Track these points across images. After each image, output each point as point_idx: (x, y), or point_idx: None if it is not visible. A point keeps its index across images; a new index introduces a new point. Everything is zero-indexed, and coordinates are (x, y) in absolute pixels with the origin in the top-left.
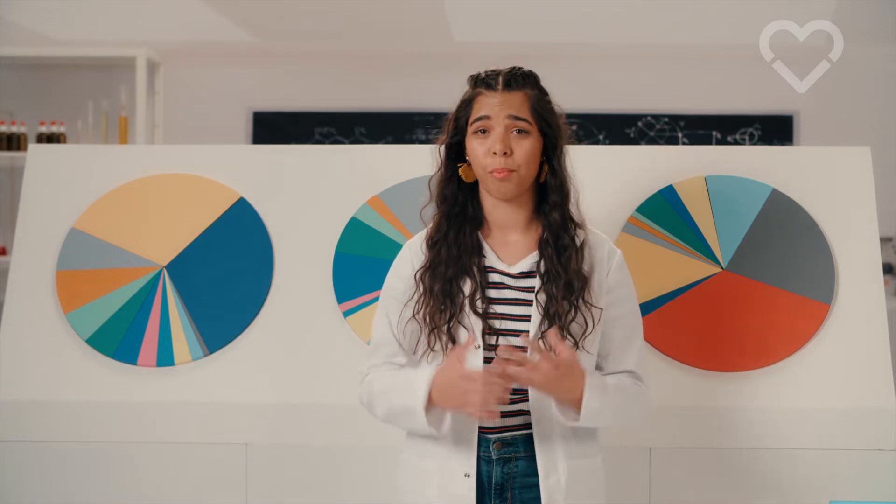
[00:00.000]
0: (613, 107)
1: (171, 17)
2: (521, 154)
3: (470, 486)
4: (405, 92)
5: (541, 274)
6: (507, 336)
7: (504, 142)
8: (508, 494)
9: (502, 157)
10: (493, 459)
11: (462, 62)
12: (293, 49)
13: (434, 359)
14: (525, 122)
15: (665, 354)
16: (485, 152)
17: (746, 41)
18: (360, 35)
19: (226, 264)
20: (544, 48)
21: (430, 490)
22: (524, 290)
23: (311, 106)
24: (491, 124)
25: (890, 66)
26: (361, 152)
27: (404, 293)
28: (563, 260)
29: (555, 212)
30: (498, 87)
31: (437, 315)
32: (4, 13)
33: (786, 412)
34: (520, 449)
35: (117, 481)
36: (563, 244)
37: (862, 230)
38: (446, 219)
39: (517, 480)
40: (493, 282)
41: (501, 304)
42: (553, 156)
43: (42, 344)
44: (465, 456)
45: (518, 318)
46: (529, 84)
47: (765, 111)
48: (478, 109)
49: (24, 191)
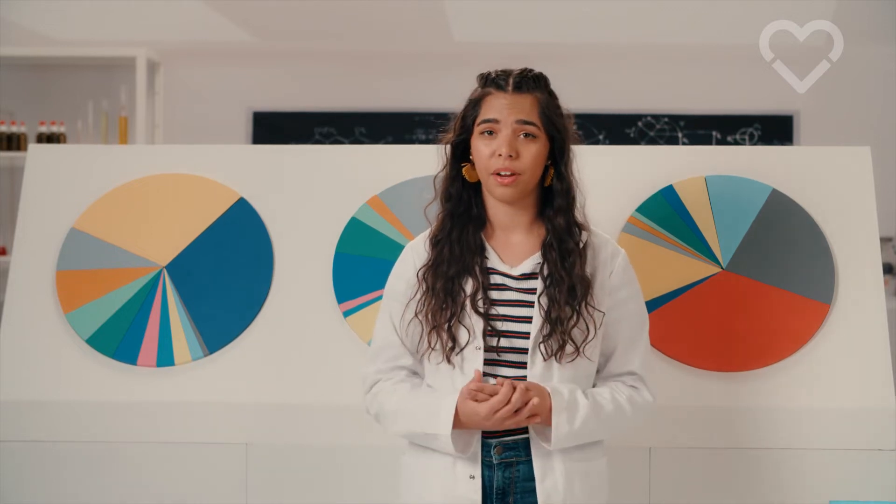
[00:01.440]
0: (613, 107)
1: (171, 17)
2: (528, 158)
3: (475, 488)
4: (405, 92)
5: (543, 277)
6: (508, 337)
7: (511, 145)
8: (510, 499)
9: (508, 160)
10: (494, 464)
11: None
12: (293, 49)
13: (435, 358)
14: (534, 126)
15: (665, 354)
16: (490, 153)
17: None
18: (360, 35)
19: (226, 264)
20: (544, 48)
21: (434, 492)
22: (525, 292)
23: (311, 106)
24: (498, 127)
25: (890, 66)
26: (361, 152)
27: (405, 294)
28: (566, 265)
29: (559, 216)
30: (508, 89)
31: (438, 313)
32: (4, 13)
33: (786, 412)
34: (521, 453)
35: (117, 481)
36: (567, 248)
37: (862, 230)
38: (450, 218)
39: (518, 485)
40: (495, 283)
41: (503, 306)
42: (560, 160)
43: (42, 344)
44: (469, 458)
45: (519, 319)
46: (540, 87)
47: (765, 111)
48: (486, 110)
49: (24, 191)
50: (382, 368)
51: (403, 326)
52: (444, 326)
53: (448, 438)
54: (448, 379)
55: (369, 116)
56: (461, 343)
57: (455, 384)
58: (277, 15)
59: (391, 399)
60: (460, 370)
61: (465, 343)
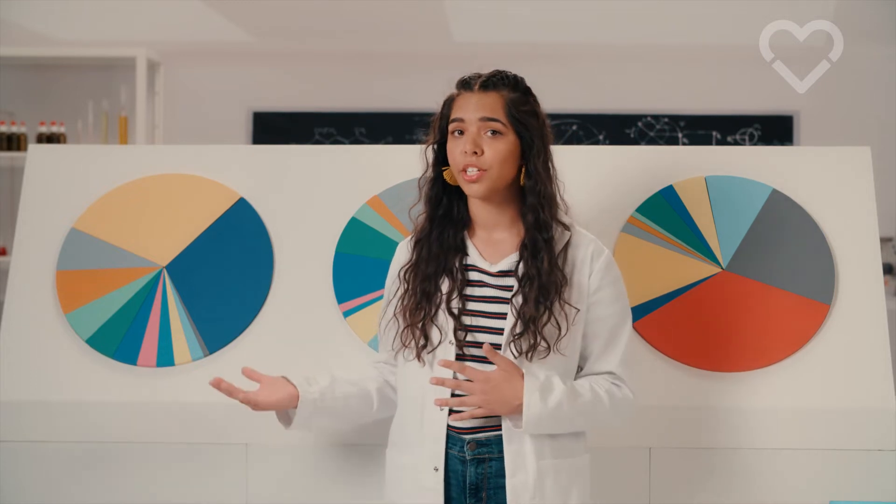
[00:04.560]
0: (613, 107)
1: (171, 17)
2: (492, 154)
3: (438, 480)
4: (405, 92)
5: (518, 277)
6: (482, 332)
7: (475, 142)
8: (483, 494)
9: (472, 156)
10: (467, 460)
11: (462, 62)
12: (293, 49)
13: (407, 355)
14: (499, 122)
15: (665, 354)
16: (459, 152)
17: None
18: (359, 35)
19: (226, 264)
20: (544, 48)
21: (405, 485)
22: (503, 289)
23: (311, 106)
24: (465, 126)
25: (890, 66)
26: (361, 152)
27: (390, 291)
28: (537, 263)
29: (530, 214)
30: (474, 89)
31: (414, 313)
32: (4, 13)
33: (786, 412)
34: (493, 450)
35: (117, 481)
36: (537, 247)
37: (862, 230)
38: (430, 220)
39: (491, 481)
40: (473, 280)
41: (479, 302)
42: (529, 158)
43: (42, 344)
44: (434, 451)
45: (495, 315)
46: (508, 86)
47: (765, 111)
48: (455, 111)
49: (24, 191)
50: (377, 360)
51: (384, 325)
52: (418, 325)
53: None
54: (418, 376)
55: (369, 116)
56: (433, 342)
57: (420, 377)
58: (277, 15)
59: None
60: (430, 367)
61: (438, 342)
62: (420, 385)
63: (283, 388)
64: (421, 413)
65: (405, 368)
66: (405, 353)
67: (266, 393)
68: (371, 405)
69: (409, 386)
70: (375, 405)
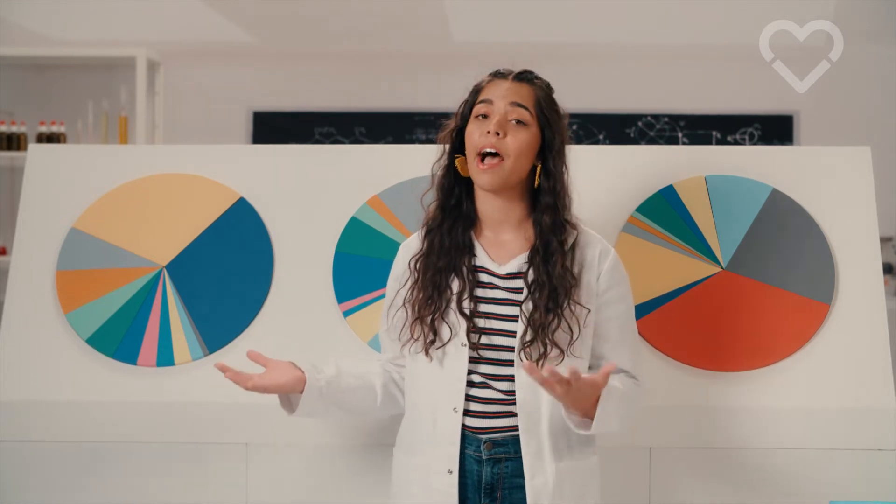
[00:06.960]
0: (613, 107)
1: (171, 17)
2: (514, 143)
3: (452, 483)
4: (405, 92)
5: (527, 283)
6: (495, 335)
7: (500, 123)
8: (498, 494)
9: (494, 137)
10: (483, 459)
11: (462, 62)
12: (293, 49)
13: (415, 349)
14: (526, 111)
15: (665, 354)
16: (480, 133)
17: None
18: (359, 35)
19: (226, 264)
20: (544, 48)
21: (415, 486)
22: (513, 291)
23: (311, 106)
24: (492, 109)
25: (890, 66)
26: (361, 152)
27: (396, 291)
28: (549, 267)
29: (546, 214)
30: (508, 78)
31: (424, 306)
32: (4, 13)
33: (786, 412)
34: (510, 450)
35: (117, 481)
36: (551, 249)
37: (862, 230)
38: (441, 209)
39: (506, 481)
40: (482, 281)
41: (490, 304)
42: (549, 157)
43: (42, 344)
44: (449, 453)
45: (505, 317)
46: (541, 84)
47: (765, 111)
48: (483, 94)
49: (24, 191)
50: (381, 360)
51: (391, 315)
52: (427, 320)
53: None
54: (425, 372)
55: (369, 116)
56: (442, 339)
57: (432, 378)
58: (278, 15)
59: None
60: (439, 364)
61: (447, 340)
62: (431, 386)
63: (291, 372)
64: (433, 414)
65: (415, 369)
66: (412, 347)
67: (273, 376)
68: (375, 400)
69: (420, 387)
70: (379, 401)
